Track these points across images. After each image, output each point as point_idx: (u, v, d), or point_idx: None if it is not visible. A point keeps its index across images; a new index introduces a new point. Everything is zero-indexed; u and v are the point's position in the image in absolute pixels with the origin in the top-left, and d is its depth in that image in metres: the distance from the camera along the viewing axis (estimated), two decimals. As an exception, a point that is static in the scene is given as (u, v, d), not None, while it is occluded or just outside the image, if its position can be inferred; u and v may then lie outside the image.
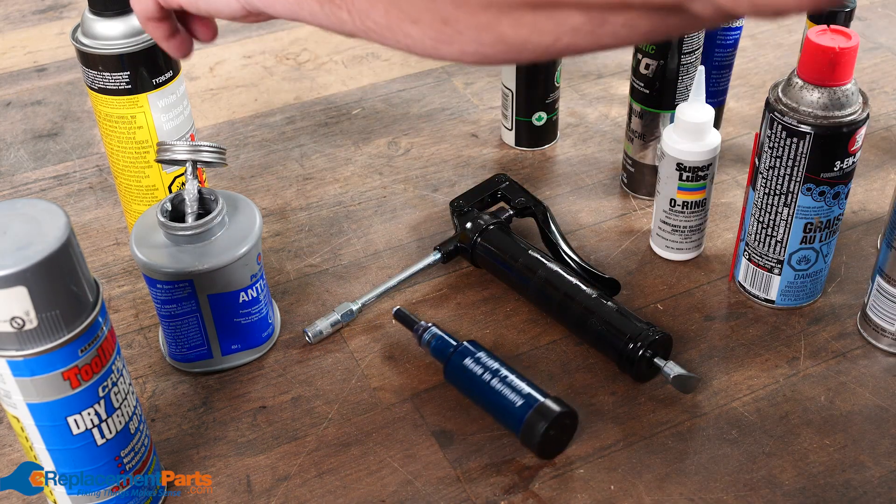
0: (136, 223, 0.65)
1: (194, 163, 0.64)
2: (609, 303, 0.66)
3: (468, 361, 0.63)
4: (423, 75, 1.02)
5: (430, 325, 0.67)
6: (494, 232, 0.73)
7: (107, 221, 0.83)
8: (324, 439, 0.62)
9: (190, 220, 0.64)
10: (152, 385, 0.67)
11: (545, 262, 0.70)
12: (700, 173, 0.71)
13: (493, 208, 0.78)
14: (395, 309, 0.69)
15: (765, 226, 0.68)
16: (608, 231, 0.80)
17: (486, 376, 0.62)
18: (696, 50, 0.76)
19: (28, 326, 0.45)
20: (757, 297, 0.71)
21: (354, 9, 0.43)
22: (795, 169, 0.63)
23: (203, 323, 0.64)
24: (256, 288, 0.65)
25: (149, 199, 0.73)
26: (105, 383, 0.50)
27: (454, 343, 0.65)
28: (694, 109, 0.70)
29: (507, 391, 0.61)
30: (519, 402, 0.60)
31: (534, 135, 0.90)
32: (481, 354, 0.63)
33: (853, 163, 0.64)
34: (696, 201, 0.72)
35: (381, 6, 0.42)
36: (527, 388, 0.60)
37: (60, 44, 1.11)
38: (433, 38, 0.41)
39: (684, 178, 0.71)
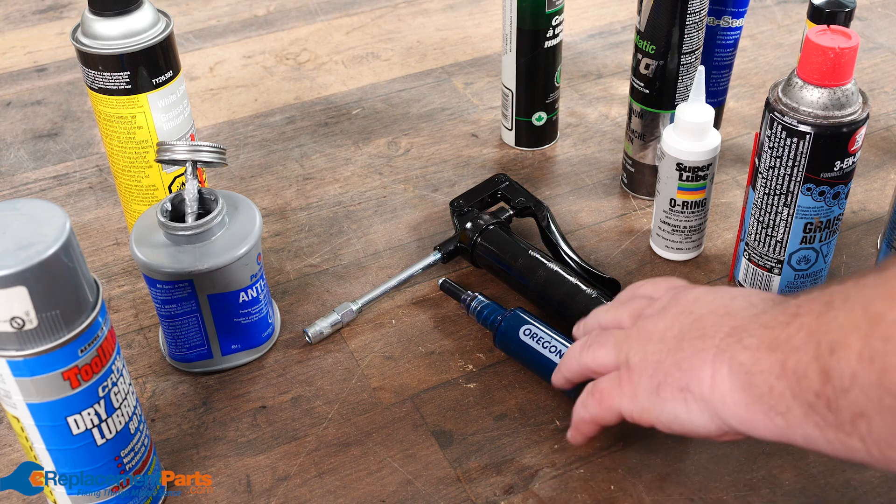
0: (136, 223, 0.65)
1: (194, 163, 0.64)
2: (609, 303, 0.66)
3: (519, 329, 0.65)
4: (423, 75, 1.02)
5: (476, 294, 0.69)
6: (494, 232, 0.73)
7: (107, 221, 0.83)
8: (324, 439, 0.62)
9: (190, 220, 0.64)
10: (152, 385, 0.67)
11: (545, 262, 0.70)
12: (700, 173, 0.71)
13: (493, 208, 0.78)
14: (441, 280, 0.72)
15: (765, 226, 0.68)
16: (608, 231, 0.80)
17: (536, 344, 0.64)
18: (696, 50, 0.76)
19: (28, 326, 0.45)
20: (757, 297, 0.71)
21: (871, 438, 0.38)
22: (795, 169, 0.63)
23: (203, 323, 0.64)
24: (256, 288, 0.65)
25: (149, 199, 0.73)
26: (105, 383, 0.50)
27: (503, 311, 0.67)
28: (694, 109, 0.70)
29: (556, 358, 0.63)
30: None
31: (534, 135, 0.90)
32: (530, 322, 0.65)
33: (853, 163, 0.64)
34: (696, 201, 0.73)
35: None
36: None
37: (60, 44, 1.11)
38: None
39: (684, 178, 0.71)
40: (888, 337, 0.36)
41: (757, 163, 0.66)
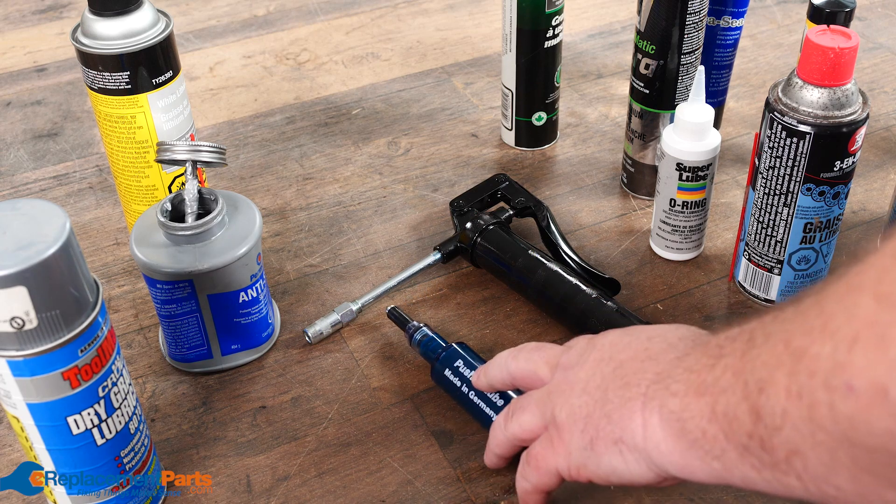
0: (136, 223, 0.65)
1: (194, 163, 0.64)
2: (609, 303, 0.66)
3: (448, 369, 0.63)
4: (423, 75, 1.02)
5: (421, 325, 0.67)
6: (494, 232, 0.73)
7: (107, 221, 0.83)
8: (324, 439, 0.62)
9: (190, 220, 0.64)
10: (152, 385, 0.67)
11: (545, 262, 0.70)
12: (700, 173, 0.71)
13: (493, 208, 0.78)
14: (388, 308, 0.69)
15: (765, 226, 0.68)
16: (608, 231, 0.80)
17: (465, 387, 0.62)
18: (696, 50, 0.76)
19: (28, 326, 0.45)
20: (757, 297, 0.71)
21: (807, 475, 0.38)
22: (795, 169, 0.63)
23: (203, 323, 0.64)
24: (256, 288, 0.65)
25: (149, 199, 0.73)
26: (105, 383, 0.50)
27: (443, 345, 0.64)
28: (694, 109, 0.70)
29: (482, 404, 0.61)
30: (493, 416, 0.60)
31: (534, 135, 0.90)
32: (460, 363, 0.62)
33: (853, 163, 0.64)
34: (696, 201, 0.73)
35: (846, 472, 0.36)
36: (501, 403, 0.60)
37: (60, 44, 1.11)
38: None
39: (684, 178, 0.71)
40: (813, 371, 0.35)
41: (757, 163, 0.66)
